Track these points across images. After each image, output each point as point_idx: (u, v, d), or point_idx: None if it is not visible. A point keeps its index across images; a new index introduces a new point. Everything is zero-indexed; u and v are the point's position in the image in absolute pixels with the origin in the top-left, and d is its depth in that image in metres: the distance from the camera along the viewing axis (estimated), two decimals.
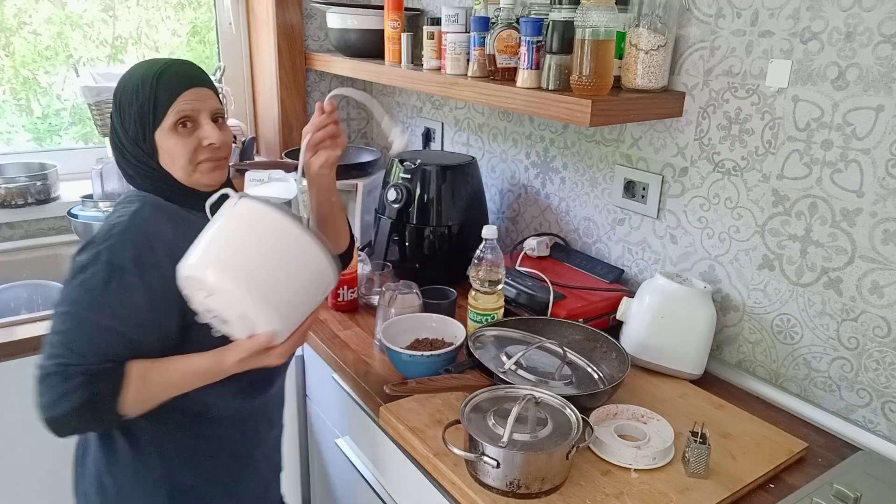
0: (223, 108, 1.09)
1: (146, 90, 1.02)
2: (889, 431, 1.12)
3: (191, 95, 1.03)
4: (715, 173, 1.29)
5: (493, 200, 1.87)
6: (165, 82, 1.02)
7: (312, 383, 1.58)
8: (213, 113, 1.05)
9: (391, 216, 1.62)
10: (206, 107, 1.04)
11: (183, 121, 1.02)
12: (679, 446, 1.04)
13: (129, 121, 1.03)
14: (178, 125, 1.02)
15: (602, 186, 1.54)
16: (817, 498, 0.97)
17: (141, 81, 1.02)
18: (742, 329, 1.30)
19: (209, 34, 2.20)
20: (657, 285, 1.27)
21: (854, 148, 1.08)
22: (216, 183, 1.07)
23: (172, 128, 1.02)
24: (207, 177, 1.06)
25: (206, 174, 1.06)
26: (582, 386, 1.16)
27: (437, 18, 1.56)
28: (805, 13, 1.11)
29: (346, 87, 0.90)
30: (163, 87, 1.02)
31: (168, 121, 1.02)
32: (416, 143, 2.12)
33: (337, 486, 1.53)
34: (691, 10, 1.27)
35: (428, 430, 1.08)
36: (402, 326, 1.31)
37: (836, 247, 1.14)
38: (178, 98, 1.02)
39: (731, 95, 1.24)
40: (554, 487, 0.95)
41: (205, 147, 1.04)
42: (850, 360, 1.15)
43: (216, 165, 1.07)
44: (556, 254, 1.61)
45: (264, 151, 2.29)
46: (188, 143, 1.03)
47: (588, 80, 1.18)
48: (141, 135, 1.02)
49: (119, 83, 1.06)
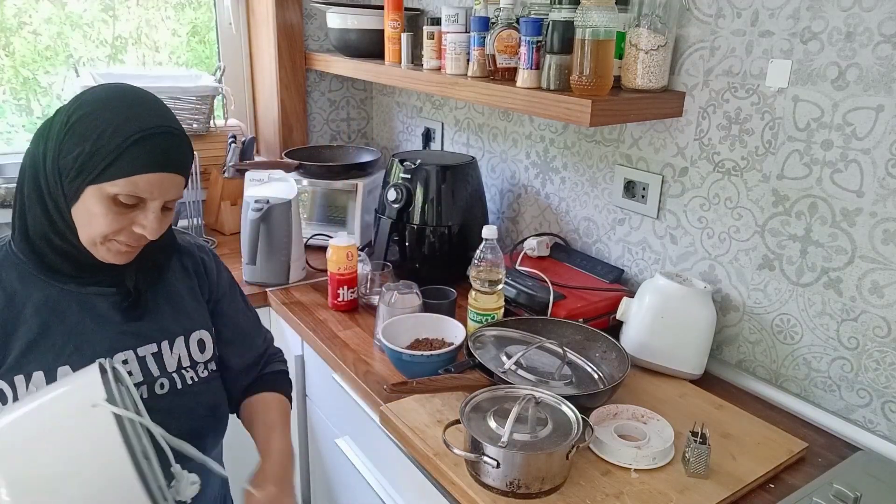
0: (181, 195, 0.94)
1: (114, 142, 0.84)
2: (889, 431, 1.12)
3: (157, 180, 0.87)
4: (715, 173, 1.29)
5: (493, 200, 1.87)
6: (140, 151, 0.85)
7: (312, 383, 1.58)
8: (167, 202, 0.91)
9: (391, 216, 1.62)
10: (166, 195, 0.89)
11: (130, 198, 0.87)
12: (679, 446, 1.04)
13: (70, 151, 0.85)
14: (118, 199, 0.86)
15: (602, 186, 1.54)
16: (817, 498, 0.97)
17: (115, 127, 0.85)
18: (742, 329, 1.30)
19: (209, 34, 2.20)
20: (657, 285, 1.27)
21: (854, 148, 1.08)
22: (119, 262, 0.94)
23: (113, 197, 0.86)
24: (112, 256, 0.92)
25: (112, 253, 0.92)
26: (582, 386, 1.16)
27: (437, 18, 1.56)
28: (805, 13, 1.11)
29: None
30: (133, 154, 0.85)
31: (114, 188, 0.85)
32: (416, 143, 2.13)
33: (337, 486, 1.53)
34: (691, 10, 1.27)
35: (428, 430, 1.08)
36: (402, 326, 1.31)
37: (836, 247, 1.14)
38: (142, 175, 0.86)
39: (731, 95, 1.24)
40: (554, 487, 0.95)
41: (132, 232, 0.90)
42: (850, 360, 1.15)
43: (130, 251, 0.93)
44: (556, 254, 1.61)
45: (264, 151, 2.29)
46: (116, 220, 0.88)
47: (588, 80, 1.18)
48: (71, 175, 0.86)
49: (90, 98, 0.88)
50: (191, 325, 1.06)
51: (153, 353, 1.00)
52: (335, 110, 2.27)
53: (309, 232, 1.83)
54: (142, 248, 0.97)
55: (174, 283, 1.05)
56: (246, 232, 1.59)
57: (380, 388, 1.21)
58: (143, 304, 0.99)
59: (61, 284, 0.94)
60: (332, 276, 1.50)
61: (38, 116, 2.01)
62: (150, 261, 1.01)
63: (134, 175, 0.85)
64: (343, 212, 1.88)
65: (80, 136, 0.85)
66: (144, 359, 0.99)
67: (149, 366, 1.00)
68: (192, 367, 1.04)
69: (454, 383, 1.11)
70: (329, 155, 2.06)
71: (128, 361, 0.98)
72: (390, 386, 1.07)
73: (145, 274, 1.00)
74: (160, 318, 1.02)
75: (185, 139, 0.91)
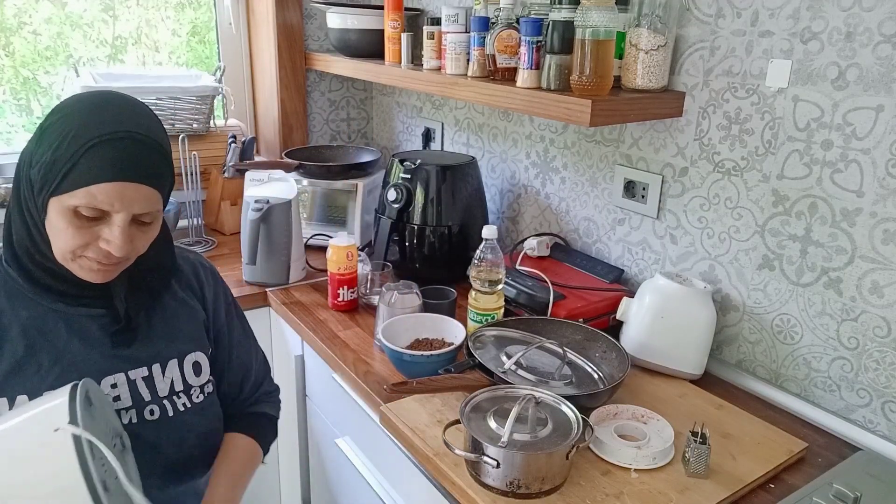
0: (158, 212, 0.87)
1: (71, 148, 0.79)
2: (889, 431, 1.12)
3: (117, 190, 0.80)
4: (715, 173, 1.29)
5: (493, 200, 1.87)
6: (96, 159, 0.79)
7: (312, 383, 1.58)
8: (137, 215, 0.84)
9: (391, 216, 1.62)
10: (130, 207, 0.82)
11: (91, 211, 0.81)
12: (679, 446, 1.04)
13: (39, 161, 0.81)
14: (77, 211, 0.81)
15: (602, 186, 1.54)
16: (817, 498, 0.97)
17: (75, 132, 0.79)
18: (742, 329, 1.30)
19: (209, 34, 2.20)
20: (657, 285, 1.27)
21: (854, 148, 1.08)
22: (95, 281, 0.88)
23: (74, 210, 0.81)
24: (86, 273, 0.87)
25: (84, 270, 0.86)
26: (582, 386, 1.16)
27: (437, 18, 1.56)
28: (805, 13, 1.11)
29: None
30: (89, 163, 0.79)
31: (73, 200, 0.80)
32: (416, 143, 2.12)
33: (337, 486, 1.53)
34: (691, 10, 1.27)
35: (428, 430, 1.08)
36: (402, 326, 1.31)
37: (836, 247, 1.14)
38: (99, 185, 0.79)
39: (731, 95, 1.24)
40: (554, 487, 0.95)
41: (99, 248, 0.84)
42: (850, 360, 1.15)
43: (103, 269, 0.86)
44: (556, 254, 1.61)
45: (264, 151, 2.29)
46: (79, 234, 0.82)
47: (588, 80, 1.18)
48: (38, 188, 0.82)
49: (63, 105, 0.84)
50: (185, 347, 1.02)
51: (144, 376, 0.96)
52: (335, 110, 2.27)
53: (309, 232, 1.83)
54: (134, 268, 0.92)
55: (170, 304, 1.01)
56: (246, 232, 1.59)
57: (380, 388, 1.21)
58: (132, 329, 0.95)
59: (49, 304, 0.90)
60: (332, 276, 1.50)
61: (38, 116, 2.01)
62: (143, 283, 0.96)
63: (90, 185, 0.79)
64: (343, 212, 1.88)
65: (45, 146, 0.81)
66: (135, 382, 0.96)
67: (139, 390, 0.96)
68: (185, 391, 1.00)
69: (454, 383, 1.11)
70: (329, 155, 2.06)
71: (117, 385, 0.94)
72: (390, 386, 1.07)
73: (136, 297, 0.95)
74: (153, 342, 0.98)
75: (152, 145, 0.84)
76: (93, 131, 0.80)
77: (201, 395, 1.03)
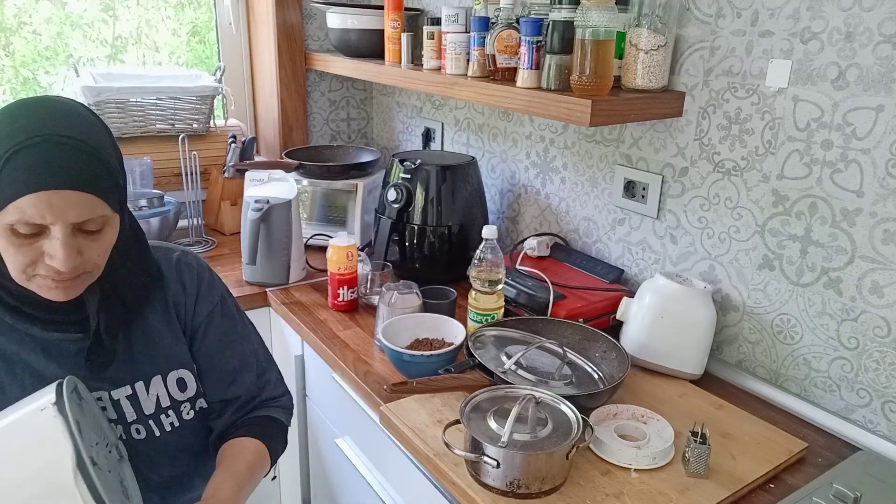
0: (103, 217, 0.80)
1: None
2: (889, 431, 1.12)
3: (44, 200, 0.73)
4: (715, 173, 1.29)
5: (493, 200, 1.87)
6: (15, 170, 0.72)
7: (312, 383, 1.58)
8: (78, 223, 0.77)
9: (391, 216, 1.62)
10: (66, 216, 0.75)
11: (25, 226, 0.75)
12: (679, 446, 1.04)
13: None
14: (13, 228, 0.75)
15: (602, 186, 1.54)
16: (817, 498, 0.97)
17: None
18: (742, 329, 1.30)
19: (209, 34, 2.20)
20: (657, 285, 1.27)
21: (854, 148, 1.08)
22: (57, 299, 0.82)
23: (8, 229, 0.75)
24: (46, 292, 0.81)
25: (44, 289, 0.81)
26: (582, 386, 1.16)
27: (437, 18, 1.56)
28: (805, 13, 1.11)
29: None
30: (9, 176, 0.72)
31: (4, 218, 0.74)
32: (416, 143, 2.13)
33: (337, 486, 1.53)
34: (691, 10, 1.27)
35: (428, 430, 1.08)
36: (402, 326, 1.31)
37: (836, 247, 1.14)
38: (24, 198, 0.73)
39: (731, 95, 1.24)
40: (554, 487, 0.95)
41: (48, 265, 0.78)
42: (850, 360, 1.15)
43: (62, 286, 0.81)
44: (556, 254, 1.61)
45: (264, 151, 2.29)
46: (21, 252, 0.76)
47: (588, 80, 1.18)
48: None
49: None
50: (167, 364, 0.97)
51: (128, 395, 0.93)
52: (335, 110, 2.27)
53: (309, 232, 1.83)
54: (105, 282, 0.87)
55: (152, 321, 0.96)
56: (246, 232, 1.59)
57: (380, 388, 1.21)
58: (110, 351, 0.91)
59: (25, 329, 0.86)
60: (332, 276, 1.50)
61: None
62: (117, 297, 0.90)
63: (16, 199, 0.72)
64: (343, 212, 1.88)
65: None
66: (119, 402, 0.93)
67: (124, 409, 0.93)
68: (173, 407, 0.97)
69: (454, 383, 1.11)
70: (329, 155, 2.06)
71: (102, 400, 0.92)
72: (390, 386, 1.07)
73: (112, 314, 0.89)
74: (133, 360, 0.94)
75: (76, 146, 0.75)
76: (10, 141, 0.73)
77: (191, 412, 0.99)
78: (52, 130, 0.75)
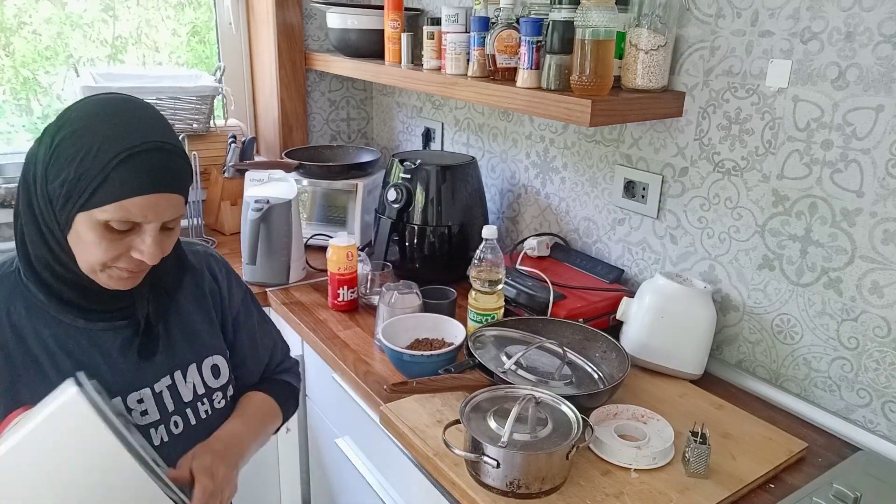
0: (182, 213, 0.87)
1: (98, 162, 0.77)
2: (889, 431, 1.12)
3: (150, 202, 0.80)
4: (715, 173, 1.29)
5: (493, 200, 1.87)
6: (127, 173, 0.78)
7: (312, 383, 1.58)
8: (167, 223, 0.84)
9: (391, 216, 1.62)
10: (162, 217, 0.82)
11: (123, 224, 0.80)
12: (679, 446, 1.04)
13: (56, 176, 0.79)
14: (108, 225, 0.80)
15: (602, 186, 1.54)
16: (817, 498, 0.97)
17: (99, 145, 0.77)
18: (742, 329, 1.30)
19: (209, 34, 2.20)
20: (657, 285, 1.27)
21: (854, 148, 1.08)
22: (124, 288, 0.87)
23: (103, 225, 0.79)
24: (115, 283, 0.86)
25: (114, 280, 0.85)
26: (582, 386, 1.16)
27: (437, 18, 1.56)
28: (805, 13, 1.11)
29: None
30: (120, 177, 0.77)
31: (104, 214, 0.78)
32: (416, 143, 2.13)
33: (337, 486, 1.53)
34: (691, 10, 1.27)
35: (428, 430, 1.08)
36: (402, 326, 1.31)
37: (836, 247, 1.14)
38: (132, 199, 0.78)
39: (731, 95, 1.24)
40: (554, 487, 0.95)
41: (131, 258, 0.83)
42: (850, 360, 1.15)
43: (132, 277, 0.86)
44: (556, 254, 1.61)
45: (264, 151, 2.29)
46: (111, 247, 0.81)
47: (588, 80, 1.18)
48: (60, 203, 0.80)
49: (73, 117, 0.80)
50: (204, 350, 1.00)
51: (168, 385, 0.95)
52: (335, 110, 2.27)
53: (309, 232, 1.83)
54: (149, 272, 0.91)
55: (186, 308, 1.00)
56: (246, 232, 1.59)
57: (380, 388, 1.21)
58: (155, 338, 0.94)
59: (70, 320, 0.88)
60: (332, 276, 1.50)
61: (38, 116, 2.01)
62: (161, 286, 0.95)
63: (123, 199, 0.78)
64: (343, 212, 1.88)
65: (64, 160, 0.78)
66: (161, 394, 0.95)
67: (164, 401, 0.95)
68: (207, 395, 0.99)
69: (454, 383, 1.11)
70: (329, 155, 2.06)
71: (143, 400, 0.93)
72: (390, 386, 1.07)
73: (157, 301, 0.94)
74: (173, 348, 0.97)
75: (179, 153, 0.84)
76: (121, 144, 0.78)
77: (223, 401, 1.01)
78: (161, 138, 0.81)
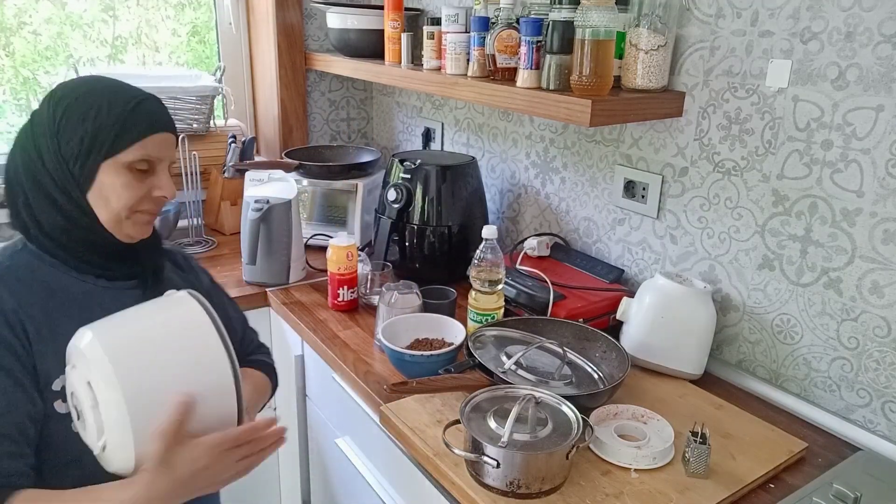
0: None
1: (114, 112, 0.89)
2: (889, 431, 1.12)
3: (160, 140, 0.93)
4: (715, 173, 1.29)
5: (493, 200, 1.87)
6: (142, 115, 0.91)
7: (312, 383, 1.58)
8: (171, 163, 0.98)
9: (391, 216, 1.62)
10: (168, 156, 0.96)
11: (143, 163, 0.92)
12: (679, 446, 1.04)
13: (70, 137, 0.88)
14: (136, 165, 0.91)
15: (602, 186, 1.54)
16: (817, 498, 0.97)
17: (108, 100, 0.89)
18: (742, 329, 1.30)
19: (209, 34, 2.20)
20: (657, 285, 1.27)
21: (854, 148, 1.08)
22: (143, 236, 0.98)
23: (129, 166, 0.91)
24: (138, 229, 0.96)
25: (138, 225, 0.96)
26: (582, 386, 1.16)
27: (437, 18, 1.56)
28: (805, 13, 1.11)
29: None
30: (136, 119, 0.90)
31: (128, 156, 0.90)
32: (416, 143, 2.13)
33: (337, 486, 1.53)
34: (691, 10, 1.27)
35: (428, 430, 1.08)
36: (402, 326, 1.31)
37: (836, 247, 1.14)
38: (149, 137, 0.91)
39: (731, 95, 1.24)
40: (554, 487, 0.95)
41: (152, 198, 0.95)
42: (850, 360, 1.15)
43: (151, 219, 0.98)
44: (556, 254, 1.61)
45: (264, 151, 2.29)
46: (138, 188, 0.92)
47: (588, 80, 1.18)
48: (80, 159, 0.89)
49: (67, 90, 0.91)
50: None
51: None
52: (335, 110, 2.27)
53: (309, 232, 1.83)
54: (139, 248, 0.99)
55: (173, 278, 1.07)
56: (246, 232, 1.59)
57: (380, 388, 1.21)
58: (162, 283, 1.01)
59: (94, 280, 0.96)
60: (332, 276, 1.50)
61: None
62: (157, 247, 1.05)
63: (143, 138, 0.90)
64: (343, 212, 1.88)
65: (77, 120, 0.88)
66: None
67: None
68: None
69: (454, 383, 1.11)
70: (329, 155, 2.06)
71: None
72: (390, 386, 1.07)
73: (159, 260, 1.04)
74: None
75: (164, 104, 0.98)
76: (126, 96, 0.91)
77: None
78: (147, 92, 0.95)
